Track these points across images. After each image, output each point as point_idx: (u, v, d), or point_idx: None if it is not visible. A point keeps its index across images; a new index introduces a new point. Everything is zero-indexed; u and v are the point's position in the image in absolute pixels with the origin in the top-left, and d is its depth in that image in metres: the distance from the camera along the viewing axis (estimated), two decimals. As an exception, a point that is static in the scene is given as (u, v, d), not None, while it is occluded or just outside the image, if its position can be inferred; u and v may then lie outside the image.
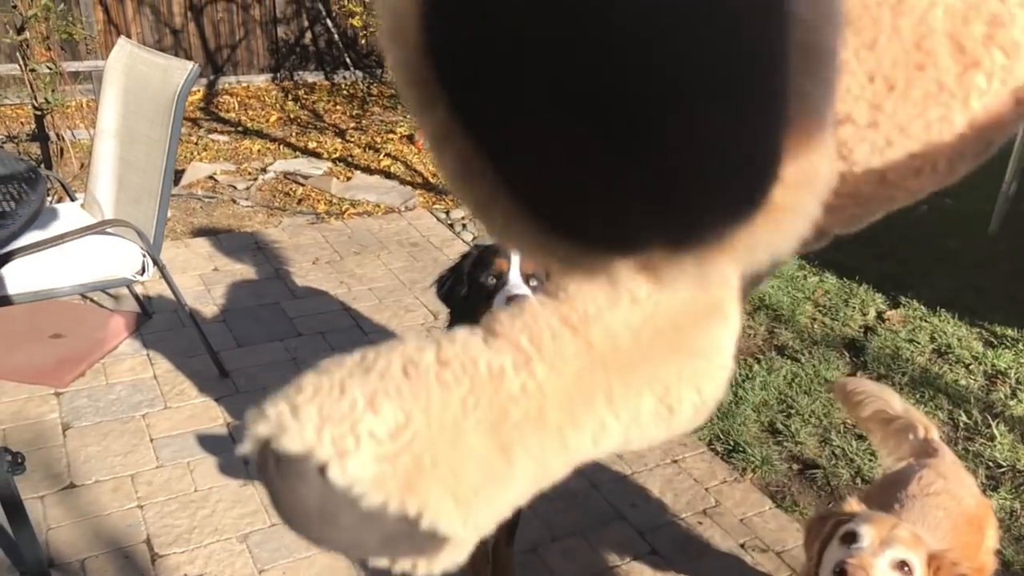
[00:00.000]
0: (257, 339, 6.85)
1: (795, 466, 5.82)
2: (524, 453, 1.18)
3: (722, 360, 1.44)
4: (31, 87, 8.13)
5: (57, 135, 8.54)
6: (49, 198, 5.89)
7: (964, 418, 6.34)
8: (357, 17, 10.68)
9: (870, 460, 5.83)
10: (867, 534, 3.22)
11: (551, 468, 1.23)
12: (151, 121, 6.04)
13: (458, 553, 1.16)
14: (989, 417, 6.35)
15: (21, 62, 8.08)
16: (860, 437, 6.05)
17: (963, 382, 6.81)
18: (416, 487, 1.09)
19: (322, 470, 1.07)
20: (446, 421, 1.15)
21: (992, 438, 6.12)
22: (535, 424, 1.19)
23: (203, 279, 7.70)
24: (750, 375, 6.70)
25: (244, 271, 7.91)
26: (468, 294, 4.09)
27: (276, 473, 1.10)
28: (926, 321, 7.68)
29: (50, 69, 8.12)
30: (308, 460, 1.08)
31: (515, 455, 1.17)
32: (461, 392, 1.18)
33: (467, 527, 1.13)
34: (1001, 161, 9.45)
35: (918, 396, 6.57)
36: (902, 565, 3.13)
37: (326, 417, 1.11)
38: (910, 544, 3.17)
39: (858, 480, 5.69)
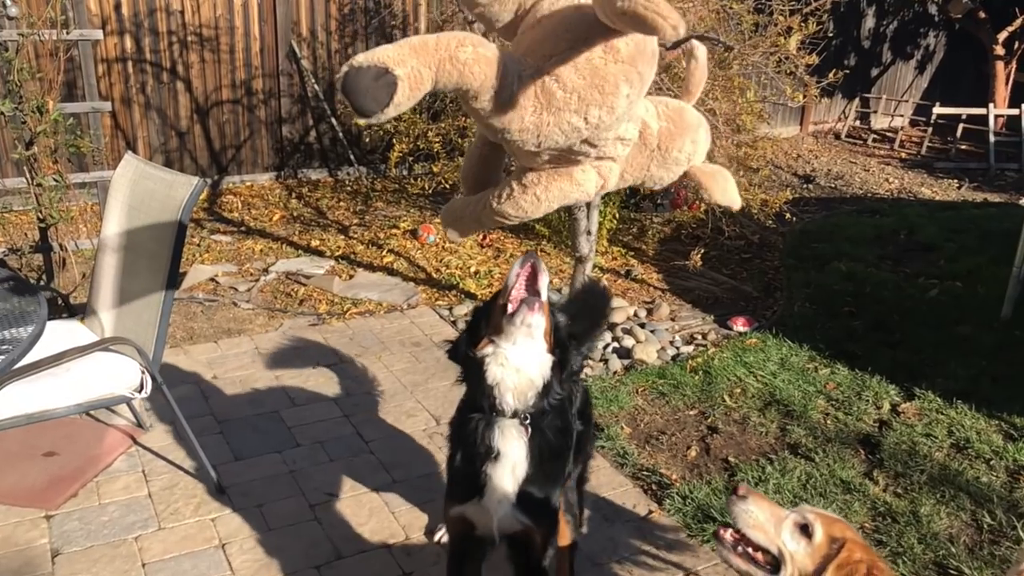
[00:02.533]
0: (255, 451, 6.58)
1: None
2: None
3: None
4: (37, 201, 7.95)
5: (60, 245, 8.33)
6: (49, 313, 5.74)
7: (988, 519, 6.02)
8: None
9: (892, 568, 5.50)
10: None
11: None
12: (154, 236, 5.88)
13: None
14: (1014, 517, 6.04)
15: (28, 176, 7.92)
16: (880, 543, 5.74)
17: (984, 479, 6.51)
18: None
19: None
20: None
21: (1019, 540, 5.81)
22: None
23: (201, 389, 7.43)
24: (763, 477, 6.40)
25: (243, 378, 7.64)
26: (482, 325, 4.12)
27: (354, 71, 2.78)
28: (942, 414, 7.38)
29: (56, 182, 7.94)
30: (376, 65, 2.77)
31: None
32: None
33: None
34: (1010, 243, 9.19)
35: (938, 496, 6.25)
36: (804, 527, 3.48)
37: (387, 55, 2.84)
38: (819, 515, 3.53)
39: (880, 590, 5.38)
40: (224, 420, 6.99)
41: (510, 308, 3.96)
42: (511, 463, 4.12)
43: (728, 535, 3.62)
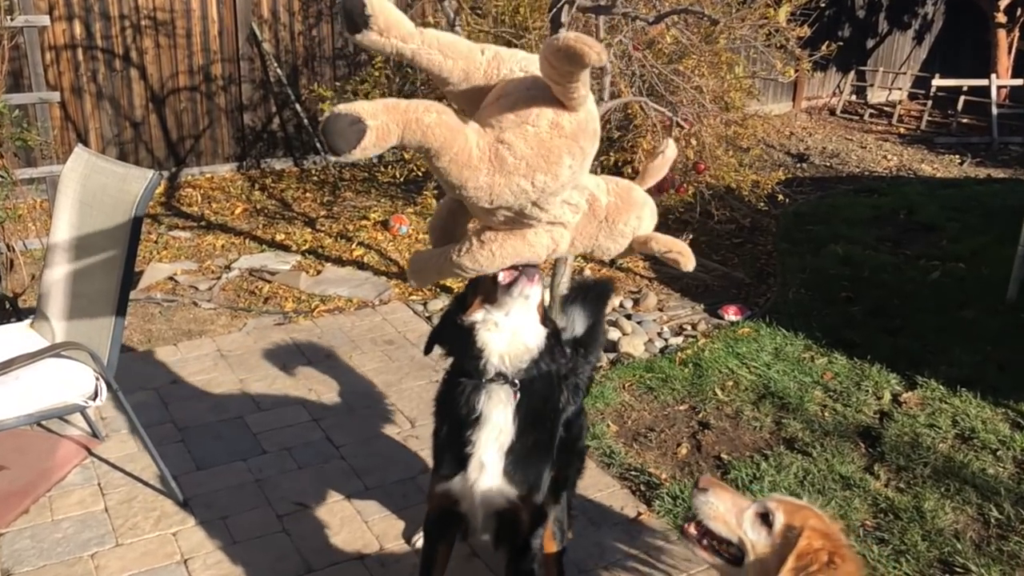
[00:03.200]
0: (218, 460, 6.55)
1: (812, 578, 5.49)
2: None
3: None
4: (-19, 199, 7.90)
5: (8, 245, 8.29)
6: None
7: (995, 512, 6.03)
8: (327, 102, 10.43)
9: (895, 567, 5.51)
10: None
11: None
12: (107, 235, 5.84)
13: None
14: (1022, 511, 6.04)
15: (-29, 173, 7.87)
16: (883, 541, 5.74)
17: (991, 471, 6.51)
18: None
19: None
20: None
21: (1028, 535, 5.83)
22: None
23: (160, 395, 7.39)
24: (757, 474, 6.40)
25: (205, 383, 7.61)
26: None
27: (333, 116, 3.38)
28: (946, 403, 7.38)
29: (2, 178, 7.89)
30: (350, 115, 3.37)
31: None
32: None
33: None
34: (1015, 221, 9.20)
35: (943, 489, 6.26)
36: (765, 516, 3.62)
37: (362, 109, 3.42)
38: (781, 503, 3.66)
39: (883, 591, 5.39)
40: (185, 427, 6.95)
41: (503, 278, 4.17)
42: (497, 428, 4.28)
43: (692, 528, 3.75)
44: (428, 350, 4.65)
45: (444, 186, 3.83)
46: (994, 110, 17.56)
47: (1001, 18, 18.80)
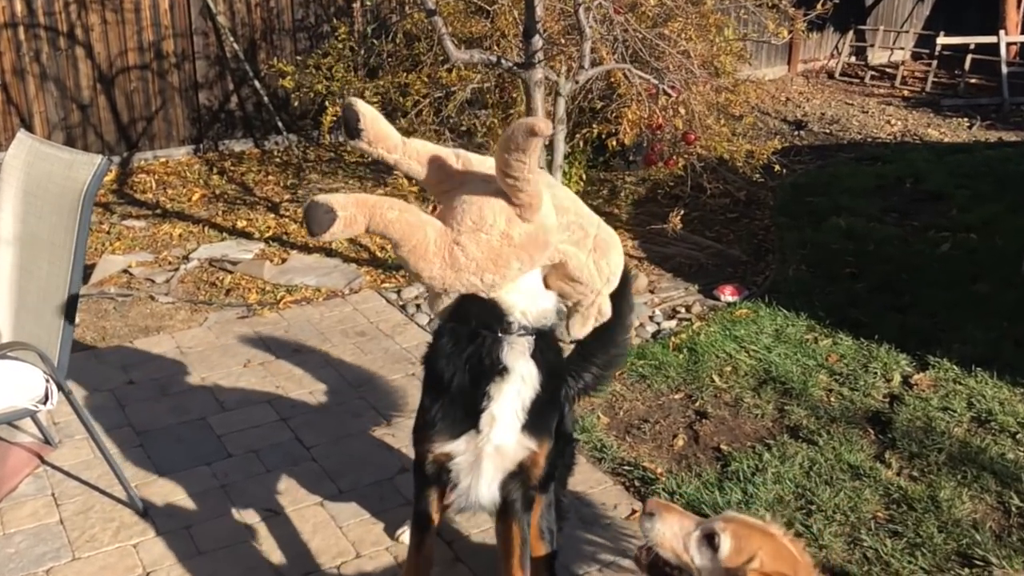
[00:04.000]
0: (180, 465, 6.52)
1: (821, 576, 5.49)
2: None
3: None
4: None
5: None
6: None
7: (1016, 500, 6.03)
8: (288, 78, 10.40)
9: (910, 562, 5.50)
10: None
11: None
12: (54, 225, 5.81)
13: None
14: (1046, 498, 6.06)
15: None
16: (896, 534, 5.73)
17: (1011, 456, 6.52)
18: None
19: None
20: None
21: (1051, 524, 5.84)
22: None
23: (116, 396, 7.36)
24: (760, 466, 6.39)
25: (164, 382, 7.58)
26: None
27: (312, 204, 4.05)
28: (961, 384, 7.38)
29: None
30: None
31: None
32: None
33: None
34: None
35: (959, 477, 6.26)
36: (711, 538, 3.63)
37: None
38: (731, 523, 3.69)
39: (898, 588, 5.39)
40: (144, 431, 6.92)
41: None
42: (519, 379, 4.51)
43: (644, 556, 3.80)
44: None
45: (404, 267, 4.40)
46: (1004, 69, 17.57)
47: (1009, -30, 18.80)
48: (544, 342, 4.58)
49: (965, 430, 6.82)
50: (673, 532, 3.69)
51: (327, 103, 10.08)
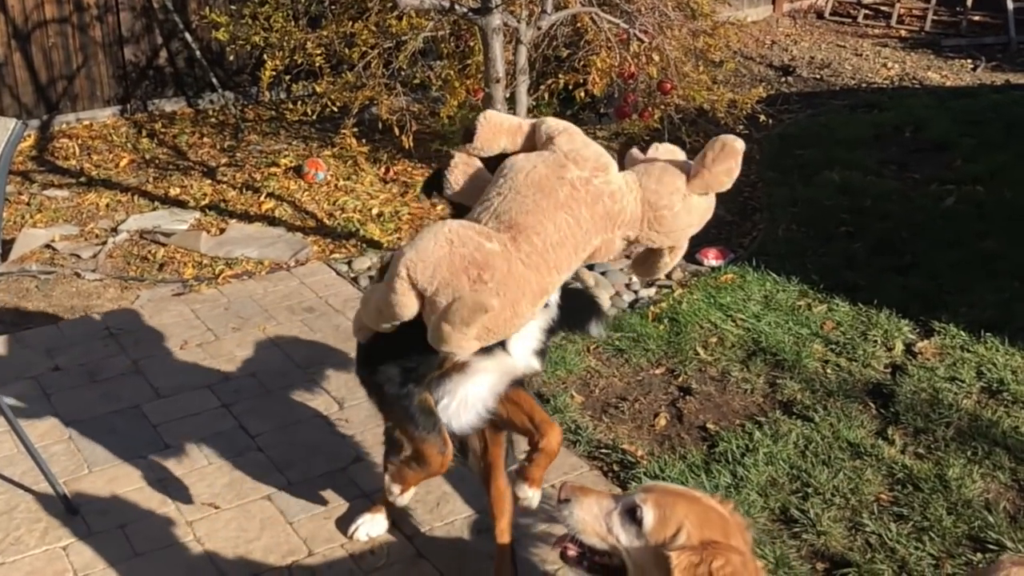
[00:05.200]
0: (113, 458, 6.51)
1: (820, 565, 5.55)
2: None
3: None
4: None
5: None
6: None
7: (1032, 477, 6.07)
8: (223, 29, 10.34)
9: (916, 548, 5.52)
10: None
11: None
12: (-36, 197, 5.74)
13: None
14: (1064, 473, 6.10)
15: None
16: (901, 517, 5.75)
17: (1024, 428, 6.55)
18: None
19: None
20: None
21: (1070, 501, 5.87)
22: None
23: (40, 384, 7.34)
24: (751, 446, 6.40)
25: (93, 367, 7.55)
26: None
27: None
28: (969, 351, 7.42)
29: None
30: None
31: None
32: None
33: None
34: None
35: (969, 453, 6.29)
36: (633, 512, 3.65)
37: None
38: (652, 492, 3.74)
39: (904, 576, 5.41)
40: (72, 422, 6.90)
41: None
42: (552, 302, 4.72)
43: (571, 549, 3.82)
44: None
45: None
46: (1010, 4, 17.56)
47: None
48: None
49: (975, 402, 6.86)
50: (594, 515, 3.71)
51: (265, 56, 10.03)
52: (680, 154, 4.68)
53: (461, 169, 4.50)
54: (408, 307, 4.19)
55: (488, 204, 4.27)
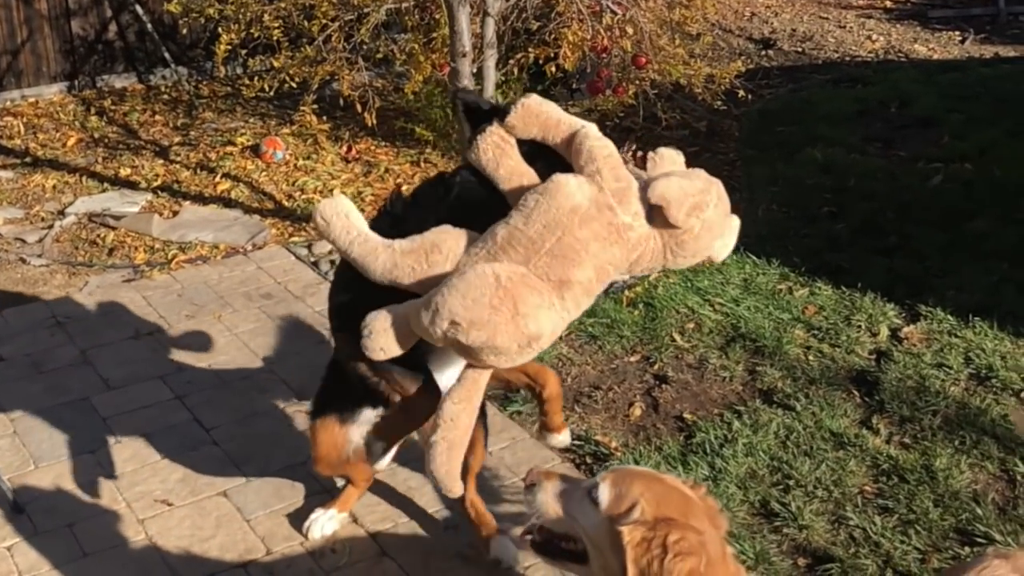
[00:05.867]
0: (60, 453, 6.49)
1: (802, 560, 5.56)
2: None
3: None
4: None
5: None
6: None
7: (1022, 468, 6.09)
8: (175, 1, 10.29)
9: (902, 541, 5.54)
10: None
11: None
12: None
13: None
14: (1055, 463, 6.12)
15: None
16: (886, 510, 5.76)
17: (1014, 417, 6.58)
18: None
19: None
20: None
21: (1061, 492, 5.89)
22: None
23: (-18, 376, 7.32)
24: (729, 436, 6.41)
25: (39, 358, 7.54)
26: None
27: None
28: (957, 336, 7.43)
29: None
30: None
31: None
32: None
33: None
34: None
35: (957, 443, 6.30)
36: (592, 493, 3.69)
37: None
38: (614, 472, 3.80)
39: (889, 572, 5.43)
40: (16, 416, 6.88)
41: None
42: None
43: (539, 536, 3.88)
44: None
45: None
46: (999, -26, 17.63)
47: None
48: None
49: (962, 389, 6.87)
50: (556, 498, 3.76)
51: (220, 29, 9.97)
52: (681, 159, 4.83)
53: (494, 142, 4.53)
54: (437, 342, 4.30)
55: (528, 223, 4.27)
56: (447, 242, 4.37)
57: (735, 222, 4.95)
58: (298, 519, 5.85)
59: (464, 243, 4.37)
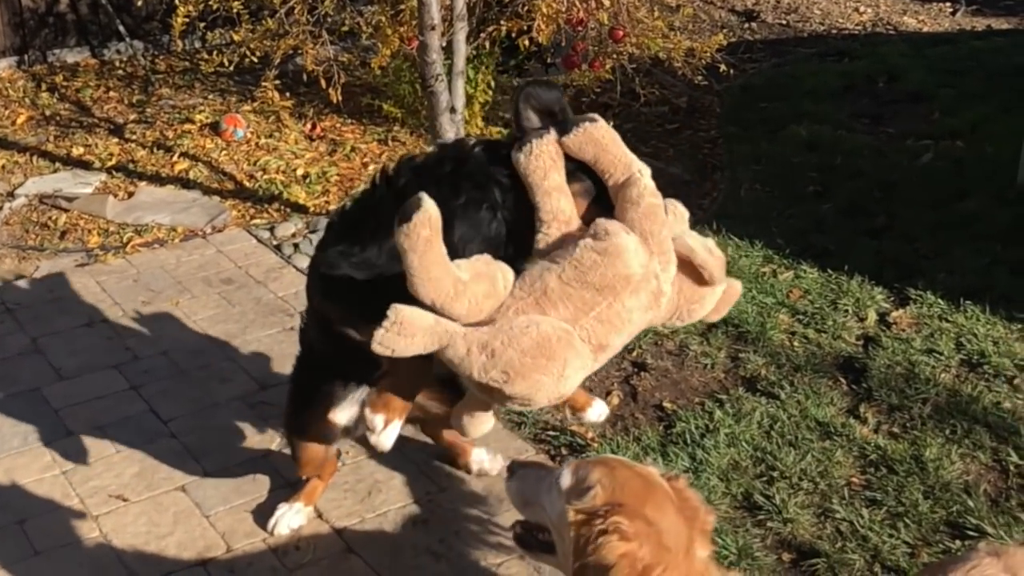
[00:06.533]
0: (9, 447, 6.46)
1: (786, 555, 5.56)
2: None
3: None
4: None
5: None
6: None
7: (1015, 458, 6.11)
8: (130, -31, 10.28)
9: (890, 535, 5.54)
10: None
11: None
12: None
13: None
14: (1050, 453, 6.13)
15: None
16: (874, 503, 5.77)
17: (1007, 404, 6.59)
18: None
19: None
20: None
21: (1057, 483, 5.90)
22: None
23: (-72, 366, 7.29)
24: (711, 426, 6.41)
25: (-14, 347, 7.52)
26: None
27: None
28: (947, 320, 7.46)
29: None
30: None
31: None
32: None
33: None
34: (1023, 83, 9.25)
35: (947, 432, 6.31)
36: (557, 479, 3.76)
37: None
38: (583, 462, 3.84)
39: (877, 567, 5.43)
40: (-36, 407, 6.86)
41: None
42: None
43: (519, 528, 3.96)
44: None
45: None
46: (992, -58, 17.63)
47: None
48: None
49: (953, 376, 6.89)
50: (529, 487, 3.83)
51: (177, 1, 9.95)
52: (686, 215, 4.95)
53: (549, 153, 4.52)
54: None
55: (583, 284, 4.30)
56: (498, 280, 4.35)
57: (737, 287, 5.01)
58: (260, 515, 5.84)
59: (512, 280, 4.40)
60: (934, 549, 5.51)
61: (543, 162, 4.50)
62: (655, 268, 4.37)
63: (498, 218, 4.69)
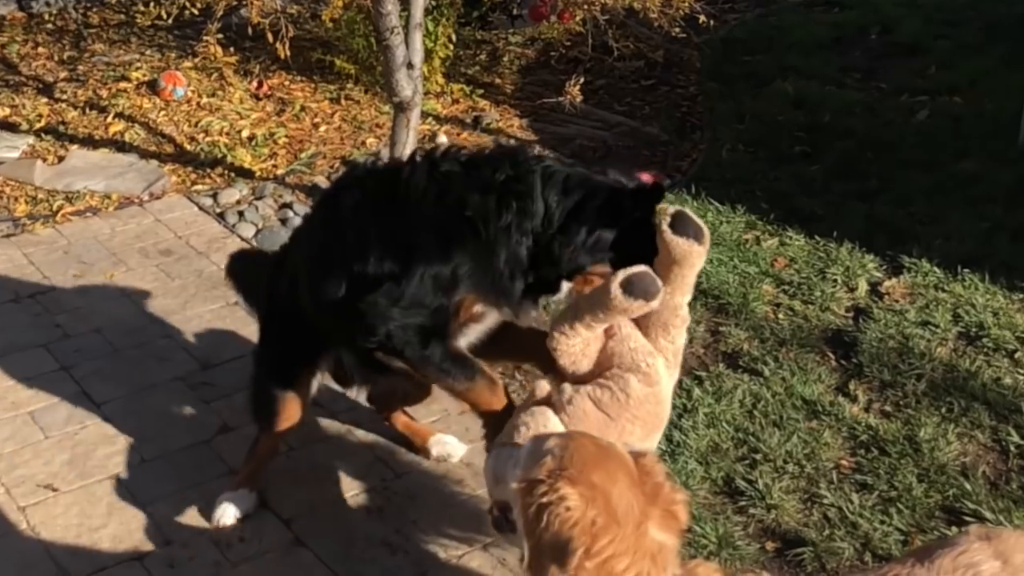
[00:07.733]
0: (-71, 433, 6.44)
1: (770, 544, 5.56)
2: None
3: None
4: None
5: None
6: None
7: (1015, 437, 6.12)
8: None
9: (882, 521, 5.55)
10: None
11: None
12: None
13: None
14: (1053, 432, 6.14)
15: None
16: (864, 487, 5.77)
17: (1008, 380, 6.61)
18: None
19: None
20: None
21: (1060, 463, 5.92)
22: None
23: None
24: (689, 406, 6.42)
25: (-95, 324, 7.48)
26: None
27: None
28: (944, 290, 7.47)
29: None
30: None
31: None
32: None
33: None
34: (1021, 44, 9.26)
35: (943, 411, 6.32)
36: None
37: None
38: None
39: (867, 556, 5.43)
40: None
41: None
42: None
43: (496, 510, 4.05)
44: None
45: None
46: None
47: None
48: None
49: (950, 350, 6.91)
50: (500, 465, 3.94)
51: (111, -52, 9.92)
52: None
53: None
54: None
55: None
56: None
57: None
58: (202, 505, 5.80)
59: None
60: (929, 536, 5.51)
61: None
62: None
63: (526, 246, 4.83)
